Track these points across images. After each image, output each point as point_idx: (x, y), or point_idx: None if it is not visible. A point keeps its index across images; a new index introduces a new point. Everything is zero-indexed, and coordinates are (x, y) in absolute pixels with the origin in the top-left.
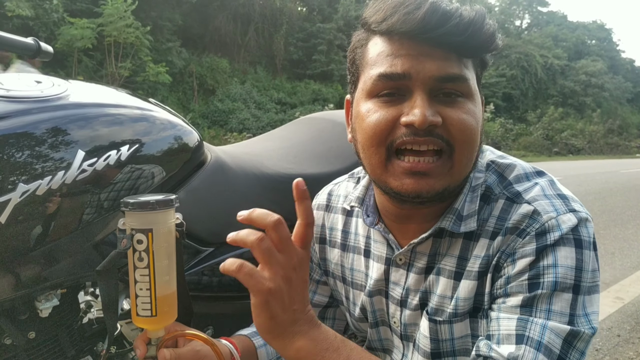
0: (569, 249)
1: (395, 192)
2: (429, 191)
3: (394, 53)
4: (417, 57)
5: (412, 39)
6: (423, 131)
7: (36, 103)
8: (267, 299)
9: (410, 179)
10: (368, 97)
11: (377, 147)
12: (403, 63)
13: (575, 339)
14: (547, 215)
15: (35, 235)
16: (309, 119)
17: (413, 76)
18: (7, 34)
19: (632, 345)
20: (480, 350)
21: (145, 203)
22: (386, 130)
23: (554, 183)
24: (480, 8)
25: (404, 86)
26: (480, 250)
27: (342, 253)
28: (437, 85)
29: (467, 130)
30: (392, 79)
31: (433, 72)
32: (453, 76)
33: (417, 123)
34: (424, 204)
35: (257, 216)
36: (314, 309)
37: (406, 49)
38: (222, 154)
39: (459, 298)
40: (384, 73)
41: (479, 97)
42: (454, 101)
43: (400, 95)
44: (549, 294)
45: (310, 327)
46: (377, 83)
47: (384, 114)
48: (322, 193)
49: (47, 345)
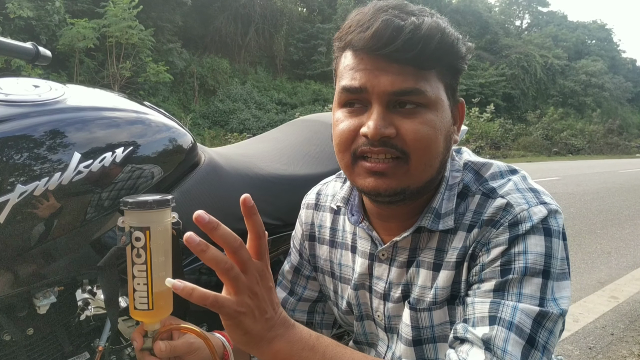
0: (538, 237)
1: (361, 189)
2: (387, 189)
3: (354, 67)
4: (372, 71)
5: (369, 54)
6: (377, 142)
7: (34, 107)
8: (238, 319)
9: (371, 177)
10: (337, 106)
11: (344, 152)
12: (361, 77)
13: (544, 319)
14: (520, 207)
15: (33, 234)
16: (302, 121)
17: (369, 90)
18: (6, 39)
19: (625, 344)
20: (458, 332)
21: (143, 202)
22: (350, 139)
23: (526, 178)
24: (438, 21)
25: (362, 98)
26: (457, 243)
27: (330, 249)
28: (392, 98)
29: (422, 140)
30: (352, 92)
31: (387, 87)
32: (407, 90)
33: (370, 135)
34: (392, 203)
35: (221, 236)
36: (304, 303)
37: (364, 64)
38: (215, 156)
39: (438, 287)
40: (346, 86)
41: (442, 105)
42: (411, 112)
43: (363, 105)
44: (520, 279)
45: (286, 329)
46: (341, 95)
47: (348, 124)
48: (312, 193)
49: (45, 342)
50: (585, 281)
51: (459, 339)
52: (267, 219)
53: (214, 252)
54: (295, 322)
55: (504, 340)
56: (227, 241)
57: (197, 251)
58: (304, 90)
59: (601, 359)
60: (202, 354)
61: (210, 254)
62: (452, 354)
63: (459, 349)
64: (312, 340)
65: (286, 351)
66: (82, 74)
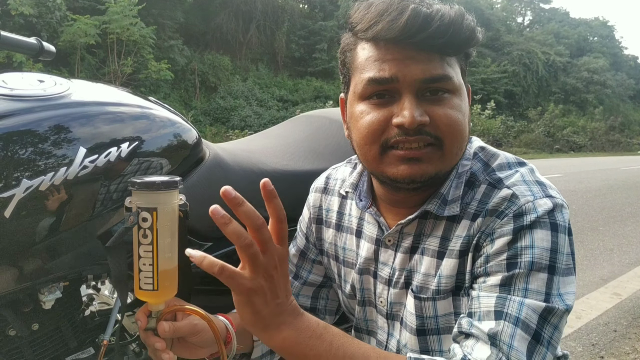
0: (545, 232)
1: (392, 179)
2: (422, 175)
3: (381, 58)
4: (402, 60)
5: (397, 44)
6: (413, 130)
7: (39, 101)
8: (249, 297)
9: (405, 164)
10: (360, 99)
11: (371, 144)
12: (390, 67)
13: (550, 314)
14: (525, 198)
15: (38, 229)
16: (306, 116)
17: (400, 79)
18: (11, 34)
19: (628, 341)
20: (462, 327)
21: (151, 183)
22: (379, 131)
23: (534, 171)
24: (459, 7)
25: (392, 88)
26: (462, 231)
27: (336, 233)
28: (423, 86)
29: (454, 124)
30: (381, 83)
31: (418, 74)
32: (437, 77)
33: (407, 124)
34: (418, 189)
35: (244, 212)
36: (308, 288)
37: (392, 54)
38: (220, 151)
39: (442, 276)
40: (373, 78)
41: (464, 90)
42: (440, 98)
43: (390, 96)
44: (526, 274)
45: (294, 317)
46: (367, 87)
47: (376, 116)
48: (321, 177)
49: (50, 337)
50: (587, 278)
51: (463, 333)
52: None
53: (237, 226)
54: (304, 312)
55: (510, 335)
56: (250, 218)
57: (221, 224)
58: (305, 87)
59: (604, 356)
60: (205, 335)
61: (233, 228)
62: (457, 348)
63: (464, 344)
64: (320, 329)
65: (293, 339)
66: (83, 71)
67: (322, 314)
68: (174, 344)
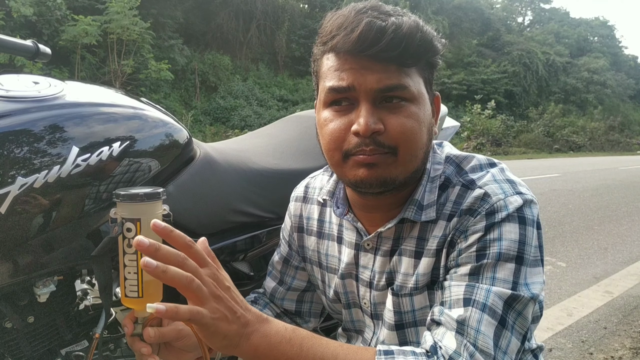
0: (513, 225)
1: (352, 182)
2: (378, 178)
3: (340, 68)
4: (359, 70)
5: (354, 55)
6: (368, 139)
7: (34, 102)
8: (214, 326)
9: (362, 168)
10: (324, 106)
11: (334, 151)
12: (348, 77)
13: (515, 301)
14: (496, 197)
15: (33, 225)
16: (297, 117)
17: (357, 88)
18: (6, 37)
19: (617, 337)
20: (434, 315)
21: (135, 195)
22: (340, 138)
23: (504, 170)
24: (415, 19)
25: (351, 97)
26: (438, 231)
27: (318, 240)
28: (379, 94)
29: (407, 132)
30: (339, 92)
31: (373, 84)
32: (392, 86)
33: (362, 131)
34: (381, 194)
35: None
36: (293, 292)
37: (350, 64)
38: (210, 150)
39: (419, 274)
40: (333, 86)
41: (424, 99)
42: (396, 106)
43: (350, 104)
44: (494, 264)
45: (260, 324)
46: (328, 94)
47: (338, 124)
48: (300, 186)
49: (45, 330)
50: (580, 276)
51: (435, 321)
52: (261, 212)
53: (172, 271)
54: (269, 317)
55: (478, 320)
56: (172, 259)
57: (156, 274)
58: (305, 87)
59: (593, 352)
60: (190, 340)
61: (170, 275)
62: (428, 336)
63: (435, 332)
64: (289, 332)
65: (265, 345)
66: (83, 70)
67: (307, 317)
68: (160, 349)
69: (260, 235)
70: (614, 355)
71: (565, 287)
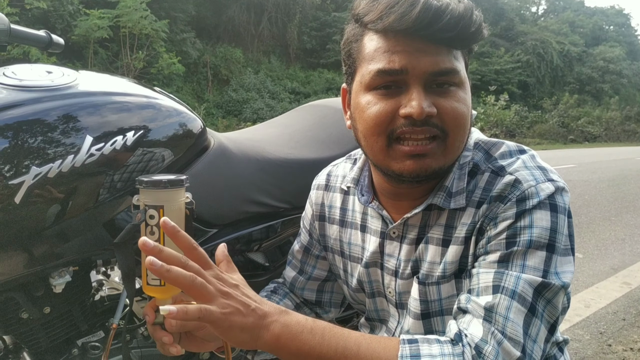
0: (544, 212)
1: (397, 173)
2: (427, 170)
3: (390, 49)
4: (412, 53)
5: (407, 36)
6: (420, 121)
7: (47, 92)
8: (227, 322)
9: (411, 160)
10: (367, 89)
11: (378, 135)
12: (400, 59)
13: (545, 289)
14: (527, 183)
15: (47, 214)
16: (311, 106)
17: (409, 71)
18: (20, 27)
19: (636, 329)
20: (461, 303)
21: (158, 182)
22: (386, 121)
23: (535, 157)
24: (468, 2)
25: (400, 80)
26: (467, 219)
27: (340, 229)
28: (431, 78)
29: (459, 117)
30: (390, 74)
31: (428, 67)
32: (445, 70)
33: (415, 115)
34: (421, 183)
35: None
36: (313, 282)
37: (402, 46)
38: (224, 140)
39: (447, 262)
40: (383, 69)
41: (468, 84)
42: (446, 91)
43: (397, 87)
44: (524, 251)
45: (279, 315)
46: (375, 78)
47: (384, 106)
48: (322, 174)
49: (61, 320)
50: (598, 267)
51: (461, 309)
52: (276, 202)
53: (176, 271)
54: (288, 310)
55: (507, 308)
56: (174, 261)
57: (160, 274)
58: (317, 79)
59: (612, 344)
60: (211, 329)
61: (174, 274)
62: (453, 324)
63: (460, 320)
64: (310, 323)
65: (286, 335)
66: (96, 65)
67: (328, 307)
68: (182, 337)
69: (275, 225)
70: (633, 347)
71: (583, 279)
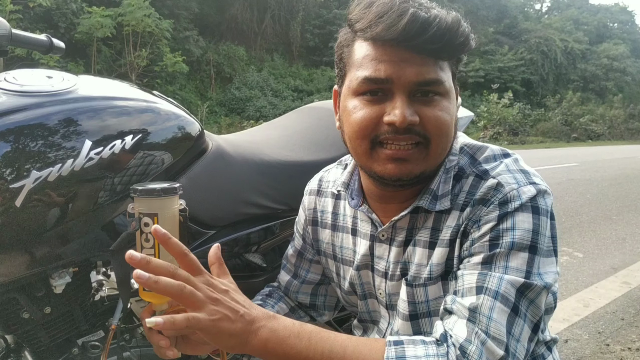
0: (526, 215)
1: (379, 176)
2: (408, 174)
3: (377, 58)
4: (398, 63)
5: (394, 46)
6: (403, 129)
7: (48, 97)
8: (215, 328)
9: (392, 164)
10: (354, 94)
11: (362, 139)
12: (386, 69)
13: (527, 289)
14: (510, 186)
15: (47, 217)
16: (309, 108)
17: (394, 81)
18: (22, 32)
19: (635, 329)
20: (446, 304)
21: (152, 190)
22: (370, 127)
23: (518, 161)
24: (456, 14)
25: (386, 88)
26: (452, 221)
27: (332, 233)
28: (416, 87)
29: (441, 126)
30: (375, 82)
31: (412, 77)
32: (430, 81)
33: (398, 123)
34: (404, 186)
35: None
36: (307, 286)
37: (388, 55)
38: (222, 143)
39: (433, 264)
40: (369, 77)
41: (453, 93)
42: (431, 100)
43: (383, 94)
44: (507, 253)
45: (268, 320)
46: (362, 84)
47: (369, 112)
48: (314, 180)
49: (62, 320)
50: (598, 267)
51: (447, 310)
52: (273, 203)
53: (164, 281)
54: (276, 314)
55: (490, 308)
56: (163, 271)
57: (149, 285)
58: (320, 77)
59: (610, 343)
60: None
61: (162, 285)
62: (439, 325)
63: (446, 321)
64: (297, 327)
65: (274, 340)
66: (99, 63)
67: (322, 310)
68: (178, 341)
69: (272, 226)
70: (631, 346)
71: (582, 278)
